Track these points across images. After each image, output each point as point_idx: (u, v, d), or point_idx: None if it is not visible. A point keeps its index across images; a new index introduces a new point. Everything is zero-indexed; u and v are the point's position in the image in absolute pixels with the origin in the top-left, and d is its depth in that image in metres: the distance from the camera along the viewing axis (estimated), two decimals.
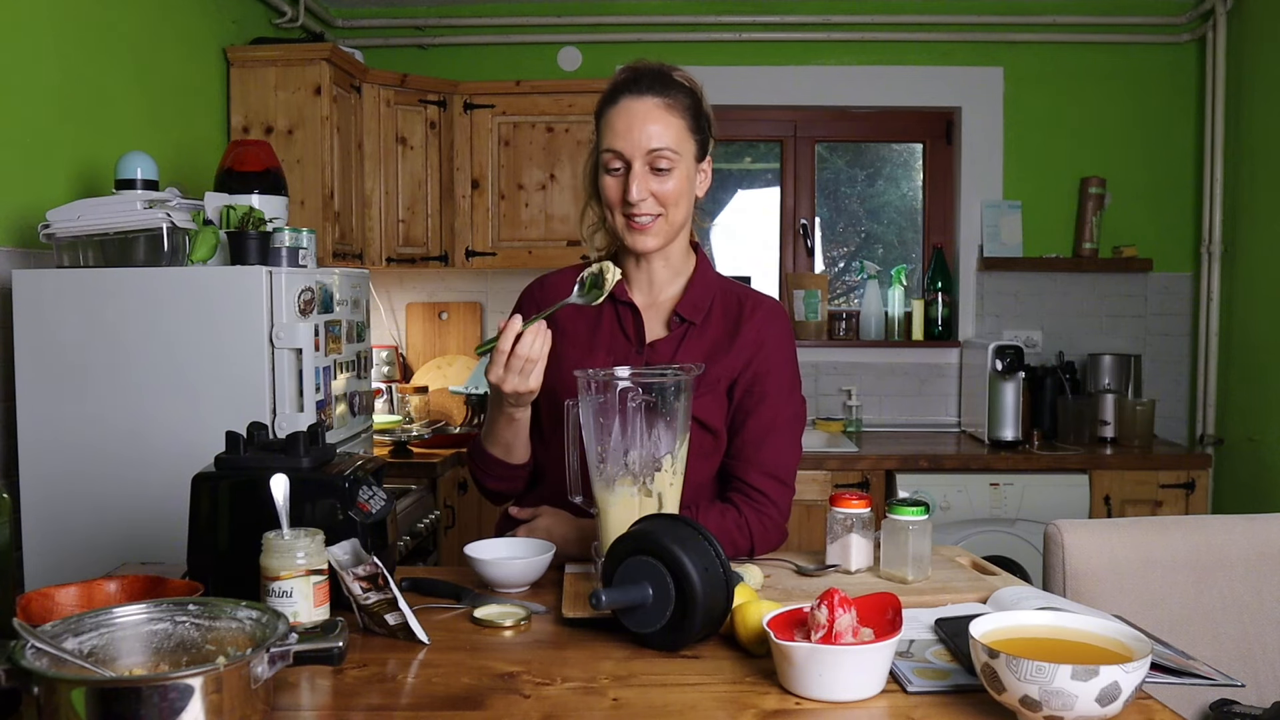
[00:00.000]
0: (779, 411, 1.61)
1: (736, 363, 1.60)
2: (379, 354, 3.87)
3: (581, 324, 1.65)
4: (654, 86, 1.55)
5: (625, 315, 1.64)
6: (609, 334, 1.64)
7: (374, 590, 1.29)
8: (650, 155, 1.53)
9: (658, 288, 1.66)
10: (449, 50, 3.98)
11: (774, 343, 1.62)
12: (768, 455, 1.60)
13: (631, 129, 1.53)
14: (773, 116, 4.12)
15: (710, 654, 1.25)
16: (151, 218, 2.18)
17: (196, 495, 1.42)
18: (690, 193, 1.59)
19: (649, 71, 1.57)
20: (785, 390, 1.62)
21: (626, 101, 1.55)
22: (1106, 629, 1.11)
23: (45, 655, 0.99)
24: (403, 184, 3.56)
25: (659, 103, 1.54)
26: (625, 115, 1.54)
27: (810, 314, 3.99)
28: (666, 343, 1.62)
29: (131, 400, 2.13)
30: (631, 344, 1.63)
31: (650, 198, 1.54)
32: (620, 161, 1.55)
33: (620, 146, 1.54)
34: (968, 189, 3.97)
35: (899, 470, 3.39)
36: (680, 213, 1.58)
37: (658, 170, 1.54)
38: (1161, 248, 3.91)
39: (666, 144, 1.53)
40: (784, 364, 1.63)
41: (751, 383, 1.60)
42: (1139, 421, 3.59)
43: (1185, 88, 3.90)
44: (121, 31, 2.64)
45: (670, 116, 1.54)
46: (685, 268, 1.67)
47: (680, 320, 1.63)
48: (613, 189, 1.56)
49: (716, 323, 1.63)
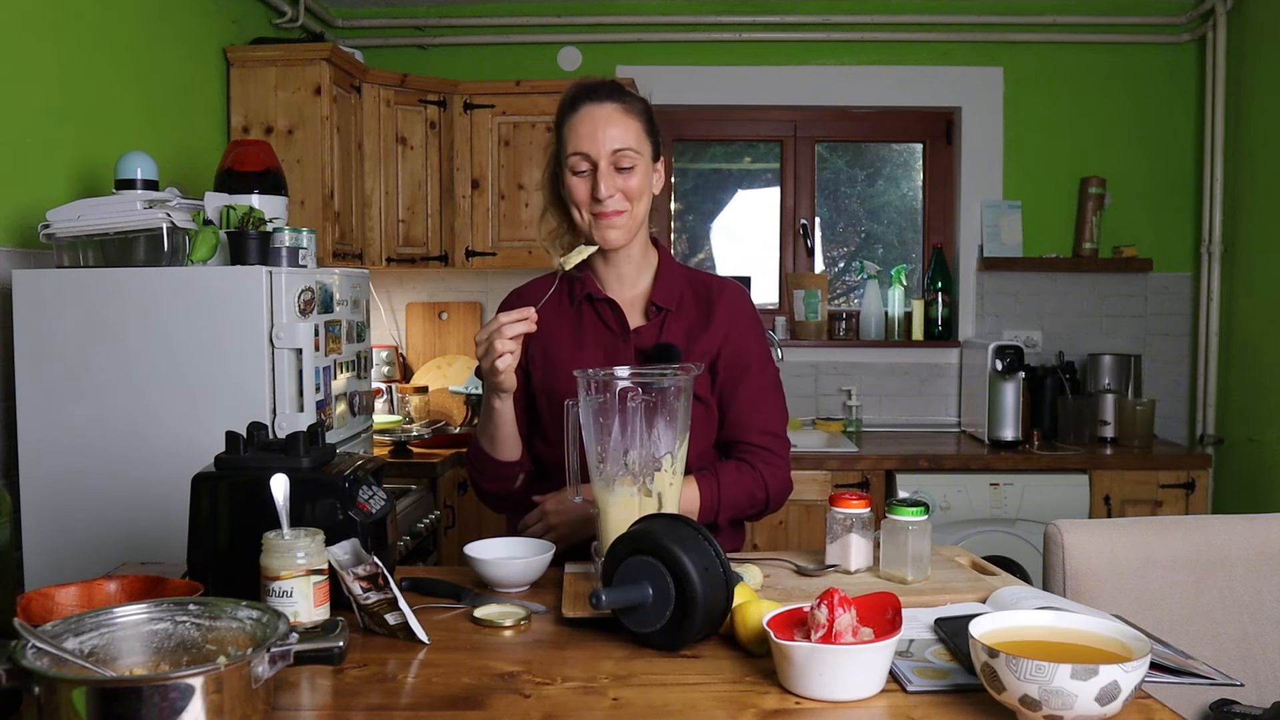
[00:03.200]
0: (762, 380, 1.76)
1: (716, 340, 1.73)
2: (379, 354, 3.86)
3: (565, 326, 1.76)
4: (611, 94, 1.68)
5: (604, 311, 1.75)
6: (593, 329, 1.75)
7: (374, 590, 1.29)
8: (614, 155, 1.65)
9: (627, 283, 1.77)
10: (449, 50, 3.98)
11: (744, 319, 1.77)
12: (763, 418, 1.75)
13: (595, 132, 1.65)
14: (773, 116, 4.12)
15: (710, 654, 1.26)
16: (151, 218, 2.18)
17: (196, 495, 1.42)
18: (649, 190, 1.72)
19: (603, 83, 1.71)
20: (763, 360, 1.77)
21: (588, 108, 1.67)
22: (1106, 629, 1.11)
23: (46, 655, 1.00)
24: (403, 184, 3.56)
25: (617, 108, 1.67)
26: (588, 121, 1.66)
27: (810, 314, 3.99)
28: (648, 329, 1.74)
29: (131, 400, 2.13)
30: (616, 335, 1.73)
31: (617, 194, 1.66)
32: (587, 163, 1.66)
33: (586, 149, 1.65)
34: (968, 189, 3.97)
35: (899, 470, 3.39)
36: (642, 207, 1.70)
37: (621, 169, 1.66)
38: (1161, 248, 3.91)
39: (629, 144, 1.66)
40: (757, 337, 1.78)
41: (733, 358, 1.74)
42: (1139, 421, 3.59)
43: (1185, 88, 3.90)
44: (121, 32, 2.64)
45: (629, 119, 1.67)
46: (649, 262, 1.79)
47: (657, 309, 1.74)
48: (580, 189, 1.67)
49: (689, 307, 1.76)
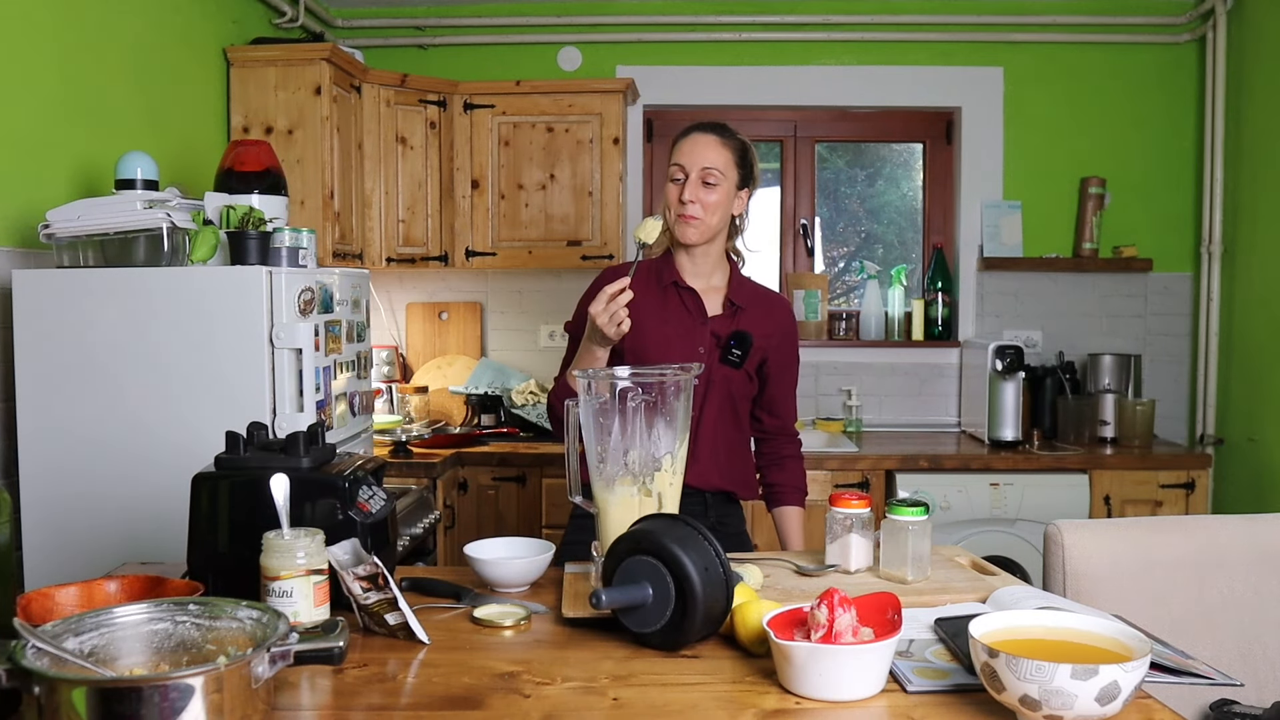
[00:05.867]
0: (795, 376, 2.21)
1: (773, 340, 2.11)
2: (379, 354, 3.86)
3: (654, 302, 2.05)
4: (715, 130, 2.06)
5: (686, 296, 2.07)
6: (675, 309, 2.06)
7: (374, 590, 1.29)
8: (703, 171, 2.00)
9: (703, 276, 2.10)
10: (449, 50, 3.98)
11: (793, 327, 2.18)
12: (792, 407, 2.23)
13: (693, 151, 2.02)
14: (773, 116, 4.11)
15: (710, 654, 1.26)
16: (151, 218, 2.18)
17: (196, 495, 1.42)
18: (727, 209, 2.04)
19: (715, 122, 2.08)
20: (798, 361, 2.22)
21: (694, 135, 2.05)
22: (1106, 629, 1.11)
23: (46, 655, 1.00)
24: (403, 184, 3.56)
25: (716, 139, 2.04)
26: (690, 143, 2.04)
27: (810, 314, 3.99)
28: (722, 319, 2.07)
29: (132, 400, 2.13)
30: (694, 318, 2.05)
31: (697, 202, 2.00)
32: (681, 173, 2.02)
33: (683, 161, 2.03)
34: (968, 189, 3.97)
35: (899, 470, 3.39)
36: (716, 219, 2.03)
37: (706, 184, 2.00)
38: (1161, 248, 3.91)
39: (716, 165, 2.01)
40: (797, 343, 2.21)
41: (782, 355, 2.14)
42: (1139, 421, 3.59)
43: (1185, 88, 3.90)
44: (121, 31, 2.64)
45: (722, 149, 2.03)
46: (723, 266, 2.13)
47: (732, 305, 2.07)
48: (673, 192, 2.04)
49: (754, 309, 2.10)
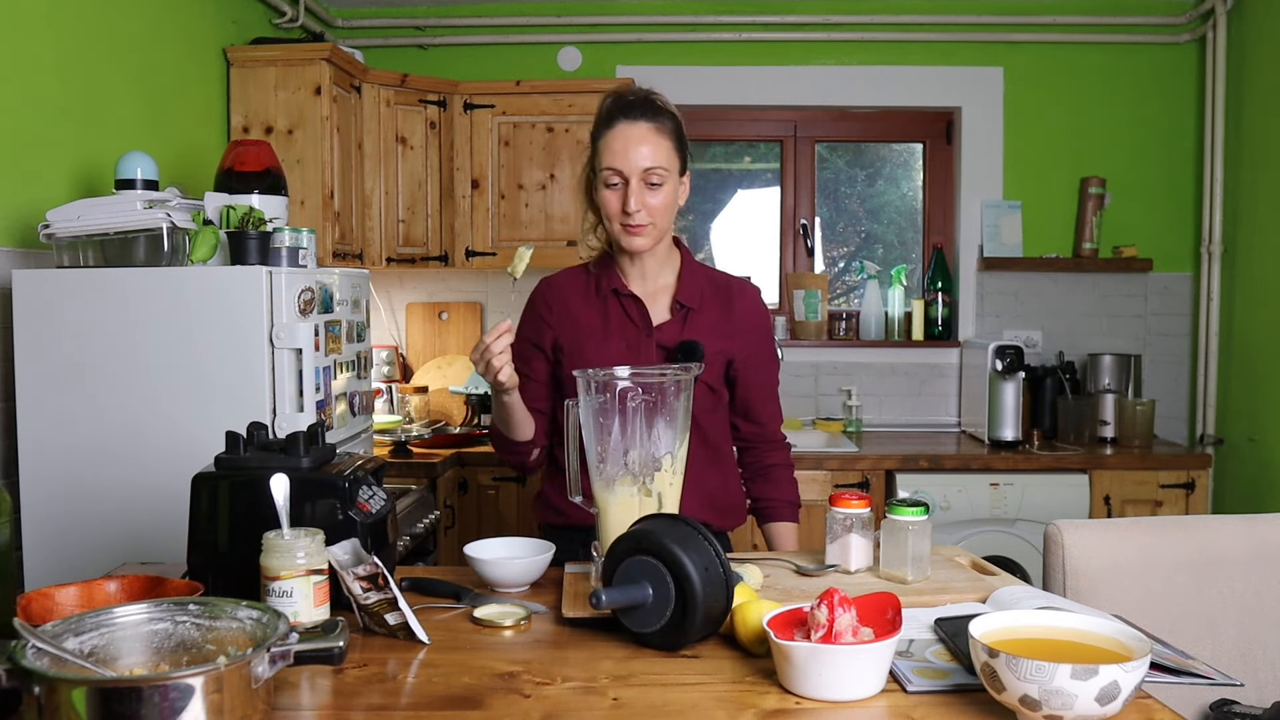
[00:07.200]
0: (771, 373, 1.97)
1: (736, 341, 1.87)
2: (379, 354, 3.86)
3: (594, 316, 1.85)
4: (645, 112, 1.77)
5: (629, 305, 1.84)
6: (618, 322, 1.84)
7: (374, 590, 1.29)
8: (645, 173, 1.75)
9: (650, 278, 1.87)
10: (449, 50, 3.98)
11: (761, 319, 1.94)
12: (775, 409, 1.98)
13: (628, 150, 1.74)
14: (773, 116, 4.11)
15: (710, 654, 1.26)
16: (151, 218, 2.18)
17: (196, 495, 1.42)
18: (675, 202, 1.82)
19: (639, 99, 1.79)
20: (774, 357, 1.98)
21: (622, 126, 1.76)
22: (1106, 629, 1.11)
23: (46, 655, 0.99)
24: (403, 184, 3.56)
25: (650, 127, 1.76)
26: (622, 138, 1.75)
27: (810, 314, 3.99)
28: (671, 325, 1.84)
29: (131, 400, 2.13)
30: (639, 329, 1.83)
31: (644, 209, 1.75)
32: (619, 178, 1.75)
33: (619, 165, 1.75)
34: (968, 189, 3.97)
35: (899, 470, 3.39)
36: (667, 219, 1.81)
37: (650, 185, 1.75)
38: (1161, 248, 3.90)
39: (659, 163, 1.75)
40: (769, 336, 1.96)
41: (752, 353, 1.90)
42: (1139, 421, 3.59)
43: (1185, 88, 3.90)
44: (121, 31, 2.64)
45: (660, 139, 1.76)
46: (671, 261, 1.90)
47: (681, 306, 1.84)
48: (612, 202, 1.77)
49: (710, 305, 1.87)
